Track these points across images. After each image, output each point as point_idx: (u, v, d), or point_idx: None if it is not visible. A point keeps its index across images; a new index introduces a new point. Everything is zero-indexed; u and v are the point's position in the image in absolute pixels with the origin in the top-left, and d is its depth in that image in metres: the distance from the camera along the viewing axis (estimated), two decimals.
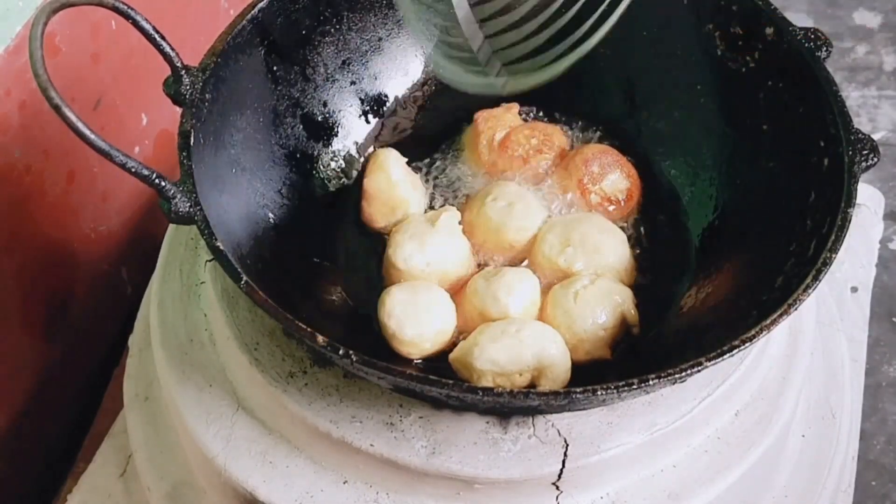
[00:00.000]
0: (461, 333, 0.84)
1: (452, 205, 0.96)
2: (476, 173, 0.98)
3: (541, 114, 1.03)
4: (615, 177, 0.94)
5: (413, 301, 0.82)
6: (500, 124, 0.98)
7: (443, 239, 0.87)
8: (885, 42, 1.84)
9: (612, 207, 0.94)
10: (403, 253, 0.86)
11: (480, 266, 0.90)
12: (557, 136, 0.98)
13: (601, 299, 0.83)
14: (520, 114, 1.01)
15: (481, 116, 0.98)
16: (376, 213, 0.93)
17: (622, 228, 0.92)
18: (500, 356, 0.78)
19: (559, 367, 0.79)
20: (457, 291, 0.87)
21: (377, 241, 0.93)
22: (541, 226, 0.91)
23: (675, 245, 0.93)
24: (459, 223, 0.89)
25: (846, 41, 1.85)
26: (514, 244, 0.90)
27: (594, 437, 0.77)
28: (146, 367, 1.01)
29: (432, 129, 1.03)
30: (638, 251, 0.92)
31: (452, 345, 0.83)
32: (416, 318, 0.82)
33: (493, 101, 1.00)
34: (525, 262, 0.91)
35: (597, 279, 0.85)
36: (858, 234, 1.29)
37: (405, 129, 1.04)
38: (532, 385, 0.79)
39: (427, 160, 1.00)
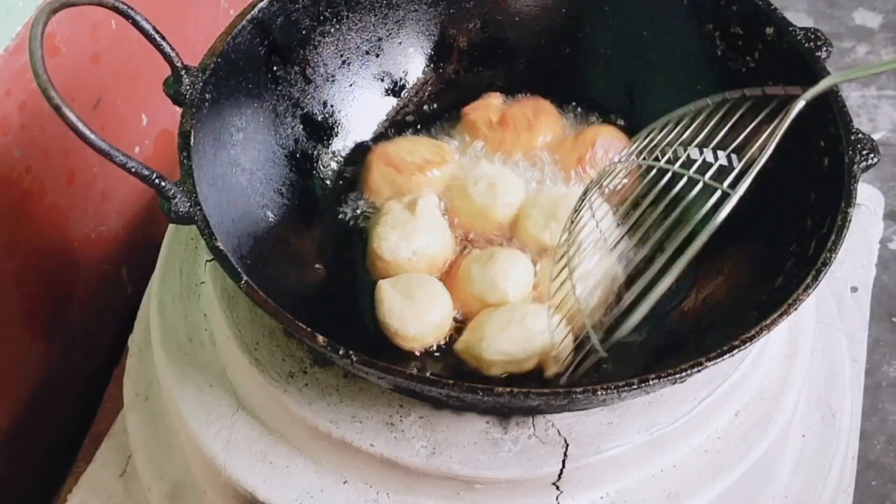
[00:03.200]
0: (459, 319, 0.85)
1: None
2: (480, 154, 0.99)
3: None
4: None
5: (412, 297, 0.83)
6: (490, 110, 0.99)
7: (425, 225, 0.88)
8: (885, 42, 1.84)
9: None
10: (389, 245, 0.87)
11: (464, 244, 0.91)
12: (544, 105, 1.00)
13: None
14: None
15: (469, 108, 1.00)
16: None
17: None
18: (510, 347, 0.79)
19: (564, 350, 0.79)
20: (445, 275, 0.88)
21: None
22: (523, 200, 0.91)
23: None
24: (442, 210, 0.90)
25: (846, 41, 1.84)
26: (503, 222, 0.91)
27: (594, 437, 0.78)
28: (146, 367, 1.01)
29: (433, 128, 1.03)
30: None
31: (451, 332, 0.84)
32: (418, 315, 0.82)
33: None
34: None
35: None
36: (858, 234, 1.29)
37: (406, 128, 1.04)
38: (539, 368, 0.80)
39: None
